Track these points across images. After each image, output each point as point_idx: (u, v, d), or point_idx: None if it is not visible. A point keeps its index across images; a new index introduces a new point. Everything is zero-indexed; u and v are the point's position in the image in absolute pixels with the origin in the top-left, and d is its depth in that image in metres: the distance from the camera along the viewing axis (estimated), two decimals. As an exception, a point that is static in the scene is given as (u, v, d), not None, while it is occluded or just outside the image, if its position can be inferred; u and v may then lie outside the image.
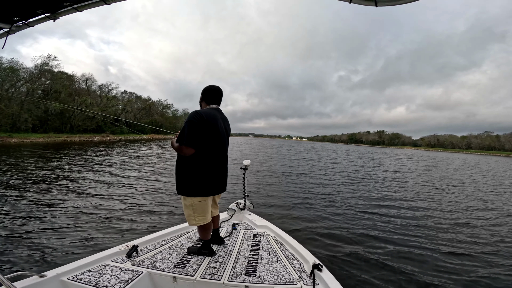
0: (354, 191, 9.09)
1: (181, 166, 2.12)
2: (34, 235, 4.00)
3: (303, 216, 5.85)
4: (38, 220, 4.65)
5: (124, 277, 1.89)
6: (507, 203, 8.45)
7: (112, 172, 10.45)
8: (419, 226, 5.51)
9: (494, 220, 6.32)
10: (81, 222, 4.65)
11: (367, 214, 6.21)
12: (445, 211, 7.00)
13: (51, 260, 3.29)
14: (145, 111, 65.57)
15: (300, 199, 7.43)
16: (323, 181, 11.07)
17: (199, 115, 2.04)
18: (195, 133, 2.00)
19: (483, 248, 4.49)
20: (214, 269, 2.11)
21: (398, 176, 14.34)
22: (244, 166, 3.48)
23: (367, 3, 1.33)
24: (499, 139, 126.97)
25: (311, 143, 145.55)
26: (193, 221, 2.21)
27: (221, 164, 2.26)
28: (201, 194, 2.14)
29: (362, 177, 12.98)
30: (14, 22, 1.70)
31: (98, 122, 44.94)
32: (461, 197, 9.15)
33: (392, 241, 4.62)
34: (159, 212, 5.50)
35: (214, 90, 2.29)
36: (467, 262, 3.94)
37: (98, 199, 6.27)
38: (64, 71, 43.82)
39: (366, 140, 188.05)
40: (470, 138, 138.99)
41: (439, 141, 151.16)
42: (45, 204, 5.60)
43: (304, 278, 2.00)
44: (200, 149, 2.06)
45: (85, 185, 7.70)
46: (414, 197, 8.68)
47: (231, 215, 3.45)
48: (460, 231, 5.40)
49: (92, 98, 47.32)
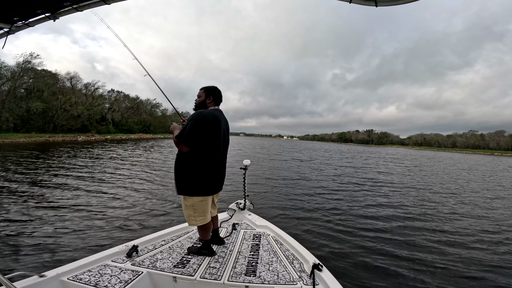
0: (354, 191, 9.06)
1: (182, 166, 2.14)
2: (34, 235, 3.98)
3: (303, 216, 5.84)
4: (38, 220, 4.62)
5: (124, 277, 1.89)
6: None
7: (112, 172, 10.31)
8: (420, 227, 5.49)
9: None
10: (81, 222, 4.62)
11: (367, 215, 6.19)
12: (447, 213, 6.94)
13: (51, 260, 3.26)
14: (133, 110, 64.37)
15: (300, 199, 7.41)
16: (323, 181, 11.03)
17: (202, 115, 2.10)
18: (195, 132, 2.05)
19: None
20: (214, 269, 2.11)
21: (397, 176, 14.22)
22: (244, 166, 3.50)
23: (367, 3, 1.34)
24: (484, 138, 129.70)
25: (303, 142, 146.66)
26: (193, 221, 2.22)
27: (221, 164, 2.31)
28: (202, 194, 2.17)
29: (360, 177, 12.99)
30: (14, 22, 1.70)
31: (83, 122, 43.85)
32: (460, 198, 8.98)
33: (393, 241, 4.60)
34: (159, 212, 5.48)
35: (220, 92, 2.38)
36: (467, 263, 3.90)
37: (97, 199, 6.24)
38: (48, 70, 42.59)
39: (356, 139, 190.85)
40: (456, 137, 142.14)
41: (426, 140, 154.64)
42: (44, 204, 5.57)
43: (304, 278, 2.00)
44: (201, 149, 2.11)
45: (84, 185, 7.62)
46: (414, 197, 8.69)
47: (231, 215, 3.45)
48: (459, 230, 5.40)
49: (77, 97, 46.11)
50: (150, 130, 69.51)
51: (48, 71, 42.48)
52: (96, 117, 48.44)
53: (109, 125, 52.48)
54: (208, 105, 2.32)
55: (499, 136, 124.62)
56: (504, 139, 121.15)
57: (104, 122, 52.09)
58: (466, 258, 4.05)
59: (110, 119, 53.75)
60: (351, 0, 1.34)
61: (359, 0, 1.35)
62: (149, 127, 69.66)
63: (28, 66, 37.37)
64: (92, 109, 46.43)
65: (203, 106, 2.33)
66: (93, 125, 46.48)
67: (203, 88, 2.37)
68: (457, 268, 3.74)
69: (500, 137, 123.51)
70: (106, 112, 53.24)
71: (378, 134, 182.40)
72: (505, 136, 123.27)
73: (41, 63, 39.44)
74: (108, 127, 51.10)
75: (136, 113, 65.37)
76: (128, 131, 57.83)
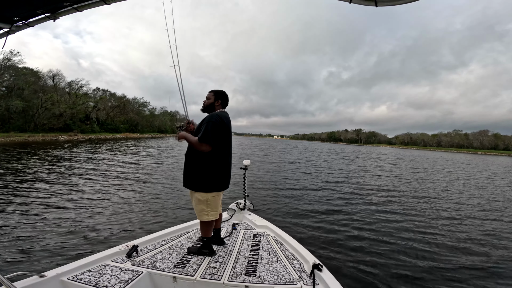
0: (353, 192, 9.08)
1: (198, 164, 2.27)
2: (34, 235, 3.98)
3: (303, 216, 5.86)
4: (38, 220, 4.62)
5: (124, 277, 1.89)
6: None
7: (111, 172, 10.23)
8: (420, 227, 5.51)
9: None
10: (80, 222, 4.63)
11: (368, 215, 6.20)
12: (452, 209, 7.10)
13: (51, 260, 3.24)
14: (119, 109, 63.27)
15: (300, 200, 7.45)
16: (323, 182, 11.08)
17: (219, 117, 2.27)
18: (215, 133, 2.20)
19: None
20: (214, 269, 2.12)
21: (396, 178, 14.11)
22: (244, 166, 3.55)
23: (367, 3, 1.36)
24: (468, 137, 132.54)
25: (293, 142, 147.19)
26: (205, 216, 2.31)
27: (230, 161, 2.46)
28: (216, 189, 2.31)
29: (359, 178, 12.98)
30: (14, 22, 1.68)
31: (66, 121, 42.87)
32: (458, 198, 9.12)
33: (393, 241, 4.62)
34: (159, 212, 5.50)
35: (227, 96, 2.50)
36: (469, 264, 3.91)
37: (97, 199, 6.25)
38: (29, 67, 41.43)
39: (345, 138, 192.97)
40: (440, 136, 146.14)
41: (412, 139, 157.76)
42: (44, 204, 5.59)
43: (304, 278, 2.01)
44: (216, 148, 2.24)
45: (83, 185, 7.62)
46: (415, 197, 8.73)
47: (231, 215, 3.46)
48: (458, 231, 5.43)
49: (61, 96, 45.07)
50: (138, 130, 68.47)
51: (29, 68, 41.20)
52: (80, 116, 47.23)
53: (94, 124, 51.35)
54: (216, 108, 2.44)
55: (482, 135, 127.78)
56: (488, 138, 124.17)
57: (89, 121, 51.00)
58: (466, 259, 4.04)
59: (95, 118, 52.64)
60: (351, 0, 1.35)
61: (359, 0, 1.37)
62: (137, 126, 68.61)
63: (7, 64, 36.34)
64: (75, 108, 45.36)
65: (211, 108, 2.44)
66: (77, 124, 45.43)
67: (213, 91, 2.47)
68: (458, 266, 3.80)
69: (483, 137, 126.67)
70: (91, 111, 52.15)
71: (366, 134, 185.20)
72: (488, 136, 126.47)
73: (21, 61, 38.38)
74: (92, 126, 49.94)
75: (123, 112, 64.25)
76: (114, 130, 56.65)
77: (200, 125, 2.36)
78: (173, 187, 8.16)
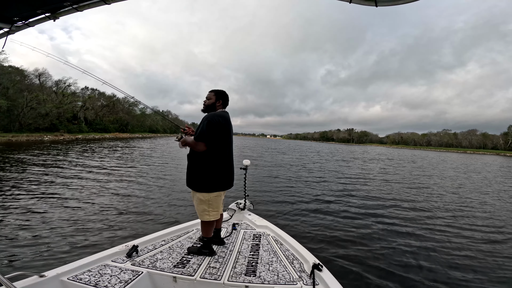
0: (353, 192, 9.05)
1: (199, 164, 2.27)
2: (34, 235, 3.96)
3: (303, 216, 5.85)
4: (38, 220, 4.60)
5: (124, 277, 1.89)
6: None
7: (110, 171, 10.14)
8: (419, 227, 5.49)
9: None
10: (81, 222, 4.61)
11: (368, 214, 6.20)
12: (449, 211, 7.09)
13: (51, 260, 3.22)
14: (108, 109, 62.34)
15: (300, 200, 7.44)
16: (322, 182, 11.08)
17: (217, 117, 2.26)
18: (210, 131, 2.19)
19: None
20: (214, 269, 2.13)
21: (393, 177, 14.20)
22: (244, 166, 3.55)
23: (367, 3, 1.36)
24: (457, 137, 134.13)
25: (286, 141, 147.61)
26: (207, 216, 2.31)
27: (232, 161, 2.46)
28: (218, 189, 2.31)
29: (358, 177, 12.99)
30: (14, 22, 1.67)
31: (53, 120, 42.04)
32: (457, 198, 9.13)
33: (393, 241, 4.60)
34: (159, 212, 5.47)
35: (228, 97, 2.50)
36: (469, 265, 3.90)
37: (97, 198, 6.24)
38: (14, 65, 40.47)
39: (337, 138, 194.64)
40: (430, 136, 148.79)
41: (403, 138, 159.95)
42: (44, 204, 5.57)
43: (304, 278, 2.02)
44: (214, 147, 2.24)
45: (82, 185, 7.54)
46: (414, 197, 8.72)
47: (231, 215, 3.46)
48: (457, 230, 5.45)
49: (47, 95, 44.17)
50: (128, 129, 67.66)
51: (14, 67, 40.27)
52: (67, 115, 46.40)
53: (82, 124, 50.48)
54: (217, 108, 2.43)
55: (471, 135, 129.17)
56: (476, 138, 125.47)
57: (76, 120, 50.13)
58: (467, 260, 4.04)
59: (83, 118, 51.78)
60: (351, 0, 1.36)
61: (359, 0, 1.37)
62: (127, 126, 67.78)
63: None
64: (62, 107, 44.56)
65: (212, 108, 2.42)
66: (64, 124, 44.60)
67: (214, 91, 2.45)
68: (456, 266, 3.80)
69: (472, 136, 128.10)
70: (78, 110, 51.23)
71: (358, 133, 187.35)
72: (477, 135, 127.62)
73: (6, 59, 37.53)
74: (80, 126, 48.95)
75: (112, 112, 63.32)
76: (102, 130, 55.71)
77: (199, 125, 2.38)
78: (173, 187, 8.11)
